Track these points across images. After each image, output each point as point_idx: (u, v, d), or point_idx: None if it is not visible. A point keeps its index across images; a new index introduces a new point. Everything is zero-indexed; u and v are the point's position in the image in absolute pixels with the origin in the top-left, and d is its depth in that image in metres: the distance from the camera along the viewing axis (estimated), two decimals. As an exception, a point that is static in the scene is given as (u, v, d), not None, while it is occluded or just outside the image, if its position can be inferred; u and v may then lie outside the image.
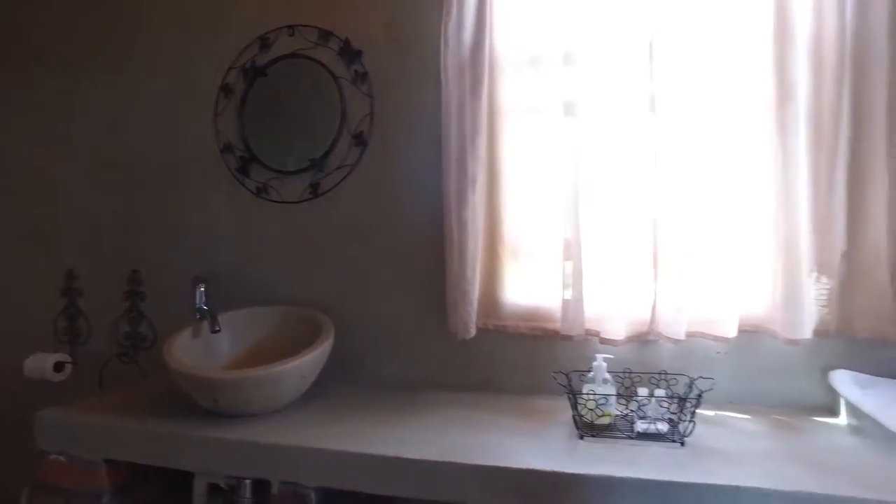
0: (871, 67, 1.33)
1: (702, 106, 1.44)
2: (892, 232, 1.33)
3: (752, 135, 1.44)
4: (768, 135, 1.40)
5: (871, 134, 1.35)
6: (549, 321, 1.55)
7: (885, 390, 1.31)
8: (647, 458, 1.19)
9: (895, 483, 1.06)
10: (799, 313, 1.37)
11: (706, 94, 1.44)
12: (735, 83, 1.43)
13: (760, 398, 1.49)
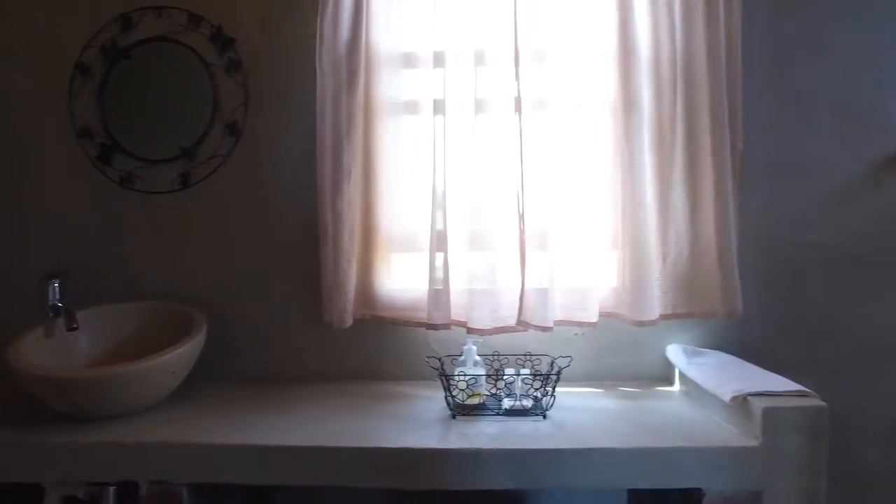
0: (698, 85, 1.54)
1: (561, 110, 1.57)
2: (719, 224, 1.55)
3: (604, 137, 1.60)
4: (617, 138, 1.57)
5: (701, 139, 1.56)
6: (421, 311, 1.60)
7: (707, 359, 1.53)
8: (513, 432, 1.30)
9: (709, 433, 1.28)
10: (647, 298, 1.54)
11: (565, 100, 1.58)
12: (589, 91, 1.58)
13: (611, 373, 1.67)
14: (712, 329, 1.65)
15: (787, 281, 1.67)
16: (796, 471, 1.19)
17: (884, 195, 1.67)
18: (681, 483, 1.22)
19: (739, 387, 1.28)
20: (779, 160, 1.65)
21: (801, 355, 1.64)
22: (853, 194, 1.67)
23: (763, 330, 1.64)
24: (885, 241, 1.67)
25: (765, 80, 1.63)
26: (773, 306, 1.65)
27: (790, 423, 1.19)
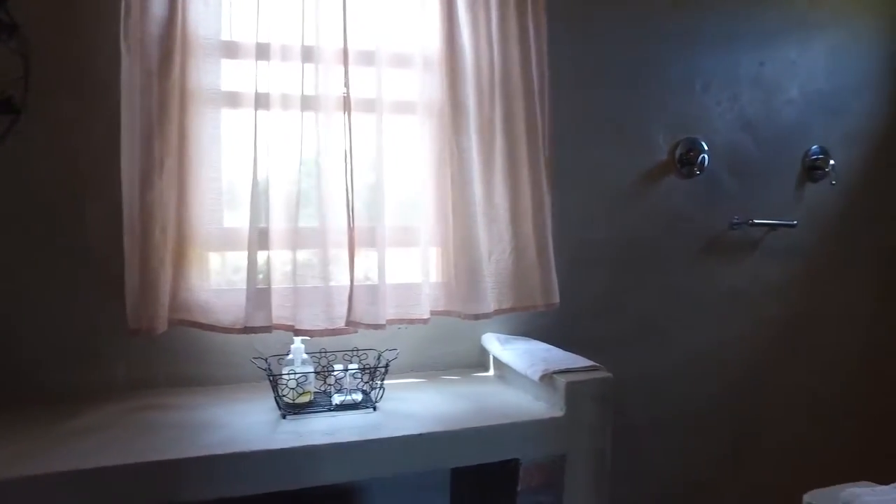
0: (515, 95, 1.70)
1: (390, 110, 1.62)
2: (537, 223, 1.71)
3: (433, 138, 1.67)
4: (445, 139, 1.65)
5: (518, 145, 1.71)
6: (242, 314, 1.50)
7: (518, 344, 1.71)
8: (344, 426, 1.31)
9: (522, 409, 1.44)
10: (481, 292, 1.63)
11: (393, 100, 1.64)
12: (417, 93, 1.65)
13: (433, 363, 1.78)
14: (520, 317, 1.85)
15: (579, 273, 1.93)
16: (591, 433, 1.40)
17: (649, 200, 2.02)
18: (501, 456, 1.35)
19: (546, 367, 1.45)
20: (573, 168, 1.90)
21: (592, 335, 1.92)
22: (628, 199, 2.00)
23: (563, 316, 1.88)
24: (649, 237, 2.03)
25: (565, 97, 1.85)
26: (569, 296, 1.90)
27: (587, 394, 1.39)
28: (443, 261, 1.71)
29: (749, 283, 2.19)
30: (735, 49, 2.11)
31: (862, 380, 2.42)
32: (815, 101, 2.24)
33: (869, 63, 2.33)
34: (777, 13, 2.17)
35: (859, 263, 2.37)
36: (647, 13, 1.98)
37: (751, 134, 2.15)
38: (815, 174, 2.24)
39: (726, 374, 2.19)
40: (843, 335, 2.37)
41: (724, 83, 2.10)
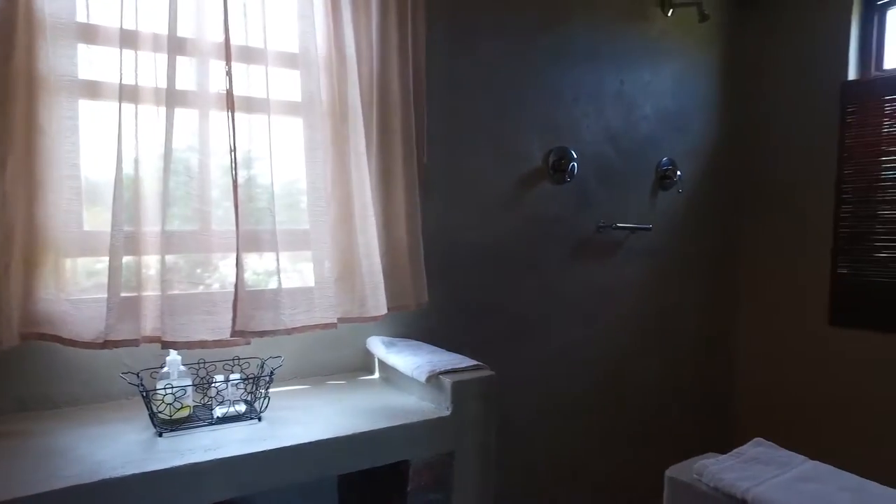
0: (392, 101, 1.72)
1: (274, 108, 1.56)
2: (409, 227, 1.74)
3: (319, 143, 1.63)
4: (330, 144, 1.63)
5: (394, 148, 1.73)
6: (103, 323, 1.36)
7: (402, 346, 1.73)
8: (228, 439, 1.25)
9: (410, 410, 1.44)
10: (361, 295, 1.63)
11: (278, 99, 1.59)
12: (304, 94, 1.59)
13: (318, 368, 1.75)
14: (405, 320, 1.87)
15: (459, 274, 2.00)
16: (477, 430, 1.46)
17: (522, 206, 2.14)
18: (391, 458, 1.36)
19: (432, 368, 1.49)
20: (452, 173, 1.96)
21: (473, 335, 2.00)
22: (503, 204, 2.10)
23: (445, 317, 1.93)
24: (521, 240, 2.15)
25: (442, 105, 1.91)
26: (450, 297, 1.96)
27: (472, 393, 1.45)
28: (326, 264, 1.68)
29: (614, 281, 2.40)
30: (600, 67, 2.30)
31: (708, 363, 2.75)
32: (664, 118, 2.51)
33: (706, 88, 2.66)
34: (635, 38, 2.39)
35: (702, 262, 2.70)
36: (521, 27, 2.09)
37: (613, 145, 2.36)
38: (665, 183, 2.50)
39: (596, 365, 2.38)
40: (690, 325, 2.68)
41: (590, 97, 2.28)
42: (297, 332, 1.55)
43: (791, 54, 2.65)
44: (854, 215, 2.45)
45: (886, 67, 2.48)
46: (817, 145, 2.54)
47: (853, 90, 2.46)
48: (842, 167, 2.48)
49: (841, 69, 2.48)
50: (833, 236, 2.50)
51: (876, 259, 2.39)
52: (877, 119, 2.39)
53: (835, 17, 2.50)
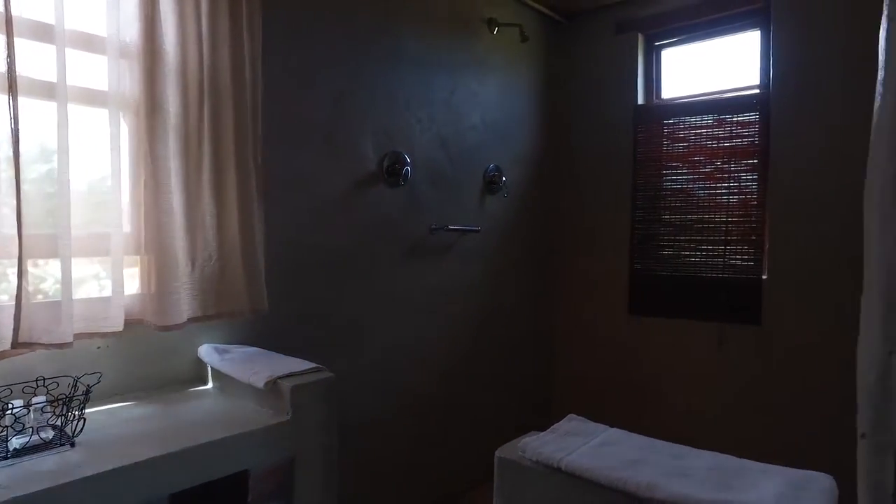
0: (224, 99, 1.65)
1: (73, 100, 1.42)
2: (244, 230, 1.68)
3: (132, 139, 1.52)
4: (141, 141, 1.51)
5: (227, 150, 1.66)
6: None
7: (237, 353, 1.66)
8: (30, 473, 1.10)
9: (247, 418, 1.41)
10: (173, 303, 1.53)
11: (78, 88, 1.44)
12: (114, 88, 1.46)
13: (145, 382, 1.61)
14: (239, 325, 1.80)
15: (295, 277, 1.97)
16: (318, 433, 1.45)
17: (358, 208, 2.17)
18: (228, 470, 1.30)
19: (270, 373, 1.46)
20: (288, 175, 1.93)
21: (311, 339, 1.98)
22: (339, 206, 2.11)
23: (281, 321, 1.89)
24: (358, 242, 2.18)
25: (278, 105, 1.87)
26: (288, 300, 1.92)
27: (312, 396, 1.44)
28: (145, 270, 1.56)
29: (447, 281, 2.53)
30: (432, 75, 2.41)
31: (534, 354, 3.01)
32: (491, 127, 2.71)
33: (528, 102, 2.92)
34: (464, 51, 2.55)
35: (526, 261, 2.95)
36: (357, 31, 2.12)
37: (445, 151, 2.49)
38: (492, 188, 2.70)
39: (432, 362, 2.48)
40: (518, 319, 2.92)
41: (423, 104, 2.38)
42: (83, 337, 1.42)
43: (595, 79, 3.02)
44: (644, 219, 2.87)
45: (664, 96, 2.94)
46: (618, 158, 2.93)
47: (641, 113, 2.88)
48: (635, 178, 2.88)
49: (632, 95, 2.89)
50: (630, 237, 2.90)
51: (661, 256, 2.83)
52: (658, 138, 2.83)
53: (627, 51, 2.90)
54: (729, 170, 2.66)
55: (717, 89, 2.78)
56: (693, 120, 2.75)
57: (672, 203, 2.80)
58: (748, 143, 2.61)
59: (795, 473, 1.08)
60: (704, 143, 2.71)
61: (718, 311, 2.65)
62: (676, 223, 2.79)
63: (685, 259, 2.76)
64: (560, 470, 1.14)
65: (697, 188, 2.73)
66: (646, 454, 1.18)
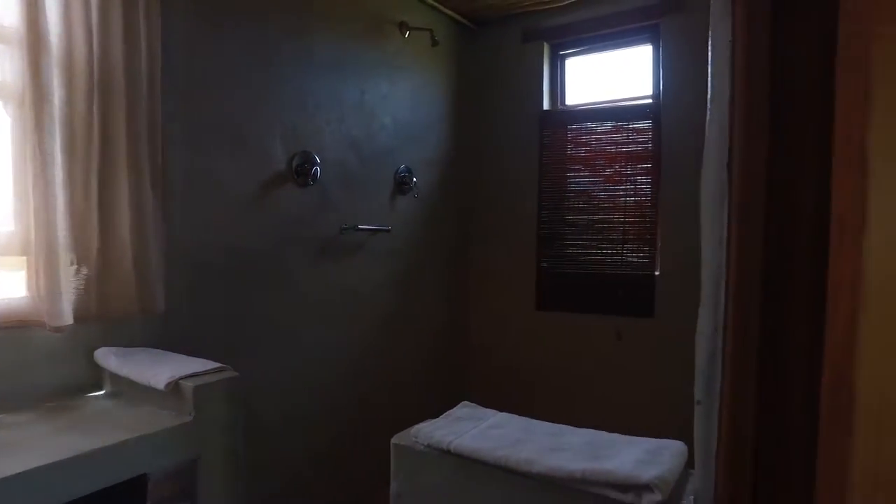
0: (116, 94, 1.58)
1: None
2: (136, 229, 1.63)
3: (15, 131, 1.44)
4: (29, 135, 1.43)
5: (118, 147, 1.60)
6: None
7: (137, 356, 1.61)
8: None
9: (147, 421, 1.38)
10: (59, 302, 1.45)
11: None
12: None
13: (32, 390, 1.52)
14: (141, 328, 1.74)
15: (202, 278, 1.92)
16: (223, 434, 1.44)
17: (266, 209, 2.15)
18: (126, 475, 1.27)
19: (171, 374, 1.43)
20: (195, 173, 1.89)
21: (220, 340, 1.94)
22: (247, 206, 2.08)
23: (189, 323, 1.85)
24: (267, 242, 2.16)
25: (182, 102, 1.83)
26: (195, 301, 1.88)
27: (216, 395, 1.43)
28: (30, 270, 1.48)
29: (358, 281, 2.55)
30: (342, 76, 2.42)
31: (448, 350, 3.08)
32: (402, 128, 2.75)
33: (439, 105, 2.99)
34: (375, 53, 2.58)
35: (438, 260, 3.02)
36: (266, 30, 2.11)
37: (355, 151, 2.51)
38: (403, 188, 2.75)
39: (346, 361, 2.49)
40: (431, 317, 2.98)
41: (332, 105, 2.39)
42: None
43: (504, 84, 3.13)
44: (550, 219, 3.01)
45: (568, 103, 3.11)
46: (525, 161, 3.06)
47: (546, 118, 3.02)
48: (541, 180, 3.03)
49: (539, 101, 3.03)
50: (536, 236, 3.04)
51: (566, 254, 2.98)
52: (562, 142, 2.98)
53: (533, 59, 3.04)
54: (626, 173, 2.85)
55: (615, 98, 2.97)
56: (594, 126, 2.92)
57: (575, 204, 2.96)
58: (642, 149, 2.81)
59: (654, 442, 1.23)
60: (604, 148, 2.89)
61: (618, 306, 2.83)
62: (580, 223, 2.95)
63: (588, 257, 2.93)
64: (450, 452, 1.21)
65: (598, 190, 2.90)
66: (528, 434, 1.28)
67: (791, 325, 0.63)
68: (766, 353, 0.65)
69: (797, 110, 0.63)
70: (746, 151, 0.64)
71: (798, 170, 0.62)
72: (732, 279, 0.66)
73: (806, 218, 0.62)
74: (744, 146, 0.65)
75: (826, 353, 0.59)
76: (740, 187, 0.65)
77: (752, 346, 0.64)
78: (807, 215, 0.62)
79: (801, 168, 0.62)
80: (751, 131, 0.64)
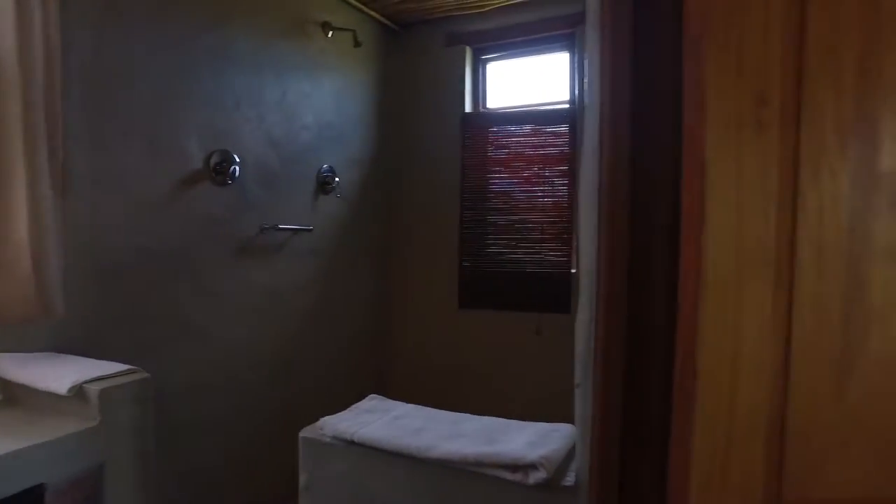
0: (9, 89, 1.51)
1: None
2: (34, 231, 1.54)
3: None
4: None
5: (12, 140, 1.51)
6: None
7: (39, 361, 1.55)
8: None
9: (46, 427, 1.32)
10: None
11: None
12: None
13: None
14: (41, 333, 1.67)
15: (112, 279, 1.86)
16: (131, 436, 1.41)
17: (182, 207, 2.10)
18: (20, 486, 1.22)
19: (75, 377, 1.38)
20: (103, 172, 1.82)
21: (131, 342, 1.88)
22: (161, 205, 2.03)
23: (99, 325, 1.78)
24: (186, 242, 2.11)
25: (89, 96, 1.76)
26: (105, 303, 1.81)
27: (123, 398, 1.40)
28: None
29: (280, 281, 2.53)
30: (262, 75, 2.40)
31: (371, 349, 3.09)
32: (325, 129, 2.75)
33: (363, 105, 3.01)
34: (296, 53, 2.57)
35: (361, 260, 3.03)
36: (179, 23, 2.05)
37: (276, 150, 2.49)
38: (326, 188, 2.75)
39: (267, 362, 2.46)
40: (355, 316, 2.98)
41: (252, 104, 2.36)
42: None
43: (427, 87, 3.18)
44: (472, 219, 3.09)
45: (489, 106, 3.20)
46: (448, 162, 3.12)
47: (469, 121, 3.10)
48: (463, 181, 3.10)
49: (461, 103, 3.10)
50: (459, 236, 3.11)
51: (487, 254, 3.07)
52: (483, 144, 3.07)
53: (456, 62, 3.11)
54: (544, 175, 2.97)
55: (535, 102, 3.08)
56: (514, 129, 3.02)
57: (496, 204, 3.05)
58: (559, 152, 2.93)
59: (547, 426, 1.32)
60: (524, 151, 2.99)
61: (537, 303, 2.94)
62: (500, 223, 3.04)
63: (508, 256, 3.03)
64: (354, 443, 1.25)
65: (518, 191, 3.00)
66: (430, 423, 1.34)
67: (650, 313, 0.71)
68: (632, 339, 0.72)
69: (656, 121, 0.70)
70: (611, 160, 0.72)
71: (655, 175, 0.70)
72: (603, 274, 0.73)
73: (663, 218, 0.70)
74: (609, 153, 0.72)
75: (678, 336, 0.66)
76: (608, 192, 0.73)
77: (619, 333, 0.72)
78: (663, 216, 0.70)
79: (657, 173, 0.70)
80: (615, 141, 0.72)
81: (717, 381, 0.64)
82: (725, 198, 0.64)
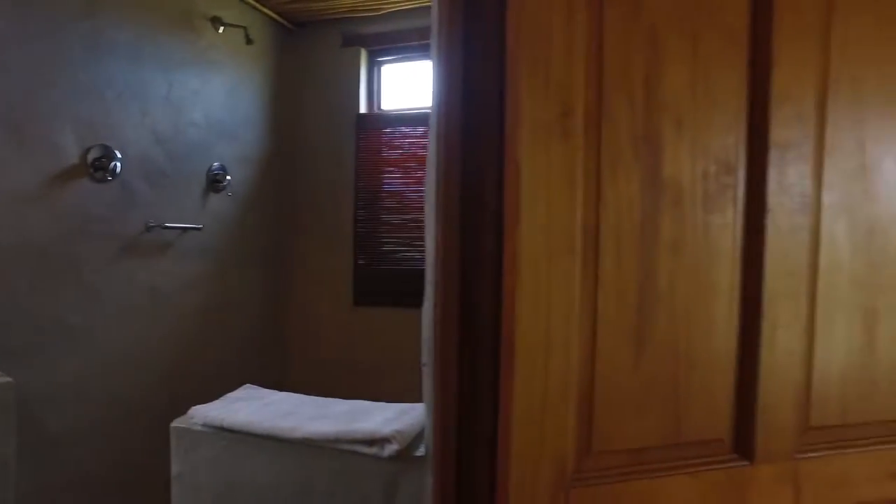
0: None
1: None
2: None
3: None
4: None
5: None
6: None
7: None
8: None
9: None
10: None
11: None
12: None
13: None
14: None
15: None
16: (-11, 442, 1.35)
17: (56, 204, 2.01)
18: None
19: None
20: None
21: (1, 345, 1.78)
22: (31, 202, 1.93)
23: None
24: (57, 240, 2.02)
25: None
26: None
27: (-19, 403, 1.33)
28: None
29: (167, 281, 2.46)
30: (145, 68, 2.33)
31: (266, 348, 3.06)
32: (215, 126, 2.70)
33: (256, 103, 2.98)
34: (183, 47, 2.51)
35: (254, 259, 3.00)
36: (54, 12, 1.96)
37: (162, 147, 2.42)
38: (216, 186, 2.70)
39: (153, 366, 2.39)
40: (249, 315, 2.95)
41: (136, 98, 2.29)
42: None
43: (323, 86, 3.20)
44: (366, 218, 3.15)
45: (384, 108, 3.27)
46: (342, 162, 3.15)
47: (363, 121, 3.15)
48: (357, 180, 3.15)
49: (356, 104, 3.15)
50: (353, 235, 3.15)
51: (382, 252, 3.13)
52: (378, 145, 3.13)
53: (351, 63, 3.15)
54: (438, 176, 3.07)
55: (427, 105, 3.17)
56: (407, 130, 3.11)
57: (390, 204, 3.12)
58: (451, 154, 3.05)
59: (406, 406, 1.45)
60: (416, 152, 3.09)
61: (431, 299, 3.04)
62: (394, 222, 3.12)
63: (402, 254, 3.11)
64: (223, 428, 1.30)
65: (410, 191, 3.09)
66: (298, 407, 1.43)
67: (481, 298, 0.81)
68: (466, 320, 0.81)
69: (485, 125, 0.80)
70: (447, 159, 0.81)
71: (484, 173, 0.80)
72: (438, 262, 0.82)
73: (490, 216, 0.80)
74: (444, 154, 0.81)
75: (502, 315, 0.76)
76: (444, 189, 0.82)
77: (453, 316, 0.81)
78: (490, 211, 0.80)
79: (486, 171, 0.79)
80: (449, 142, 0.81)
81: (533, 354, 0.74)
82: (538, 195, 0.74)
